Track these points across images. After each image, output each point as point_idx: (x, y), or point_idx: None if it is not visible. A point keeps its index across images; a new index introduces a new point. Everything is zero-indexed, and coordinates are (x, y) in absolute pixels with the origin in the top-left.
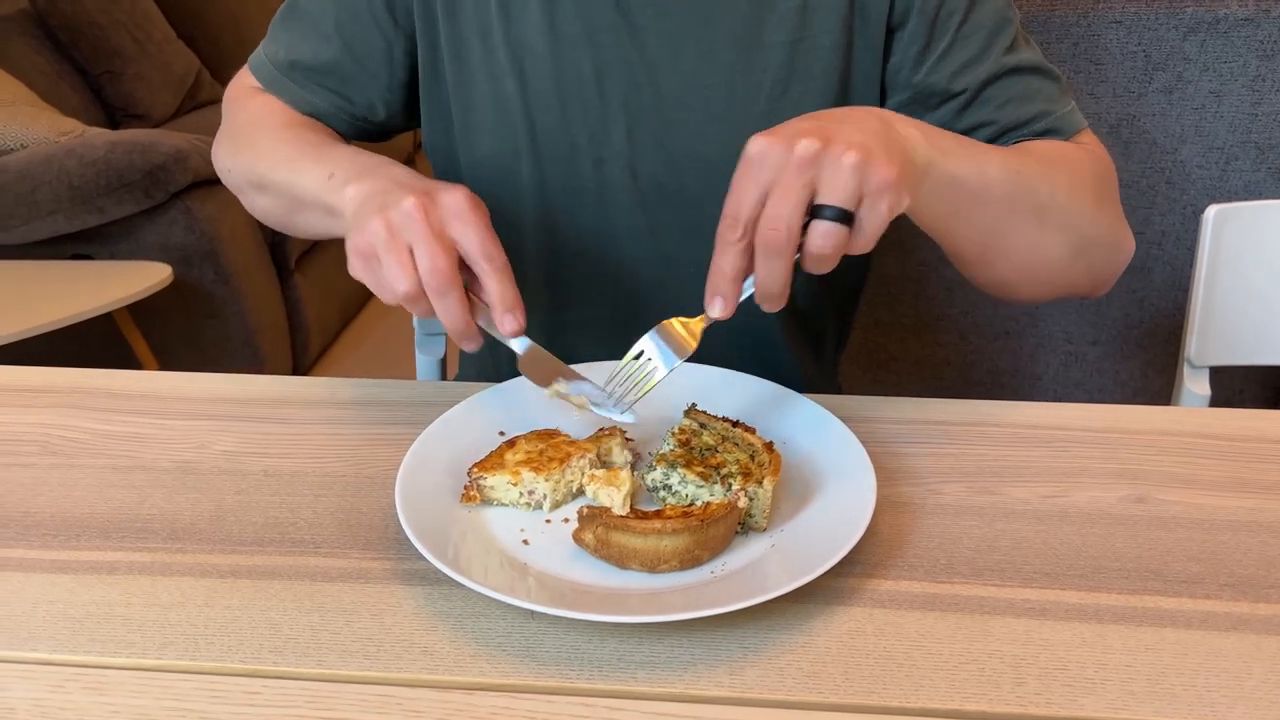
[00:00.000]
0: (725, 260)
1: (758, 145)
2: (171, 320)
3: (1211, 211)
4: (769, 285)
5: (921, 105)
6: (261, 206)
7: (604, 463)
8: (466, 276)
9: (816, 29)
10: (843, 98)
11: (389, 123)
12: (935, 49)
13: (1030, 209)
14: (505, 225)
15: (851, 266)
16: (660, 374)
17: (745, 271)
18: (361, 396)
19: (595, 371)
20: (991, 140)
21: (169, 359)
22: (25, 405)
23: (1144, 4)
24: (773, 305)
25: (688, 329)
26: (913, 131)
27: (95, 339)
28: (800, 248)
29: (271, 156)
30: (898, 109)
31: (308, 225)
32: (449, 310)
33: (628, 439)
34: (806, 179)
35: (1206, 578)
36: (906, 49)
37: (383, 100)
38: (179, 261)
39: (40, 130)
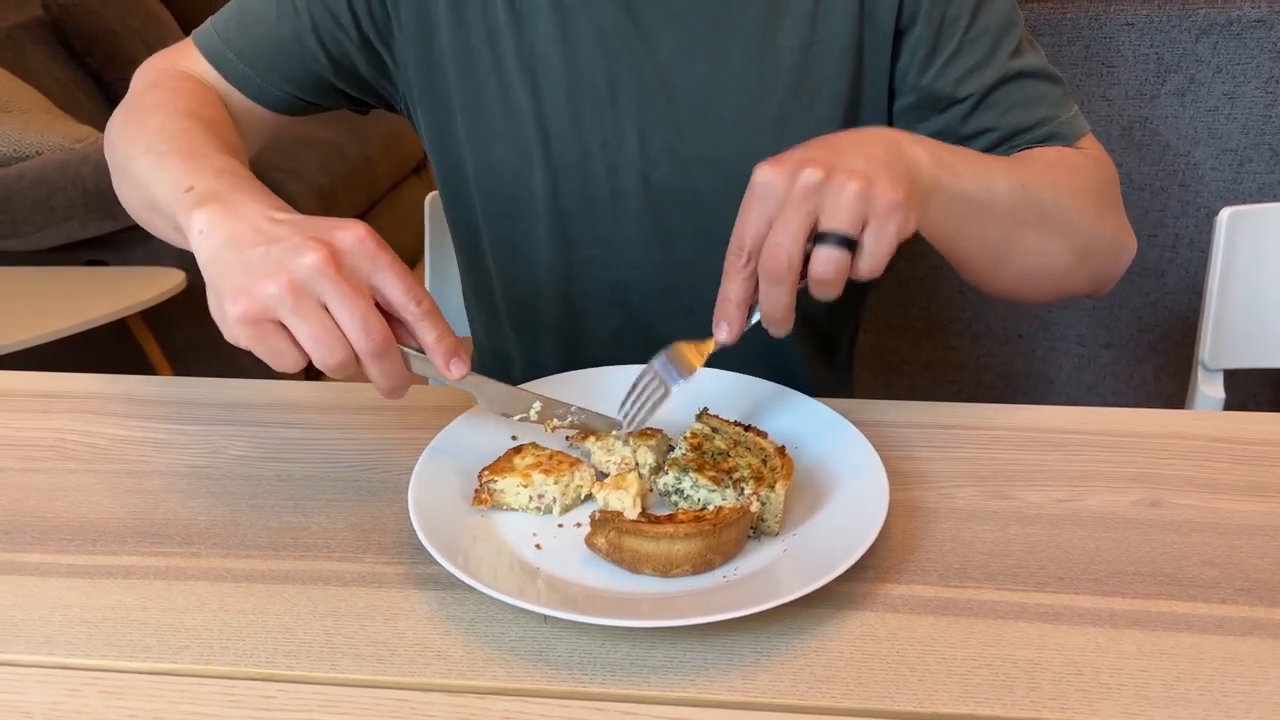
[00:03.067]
0: (731, 287)
1: (763, 175)
2: (185, 326)
3: (1225, 214)
4: (772, 311)
5: (927, 109)
6: (124, 195)
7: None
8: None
9: (827, 34)
10: (853, 102)
11: (324, 107)
12: (941, 53)
13: (1035, 219)
14: (518, 233)
15: None
16: (667, 394)
17: (751, 298)
18: (375, 402)
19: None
20: (994, 146)
21: (182, 364)
22: (41, 411)
23: (1156, 6)
24: (779, 330)
25: (695, 351)
26: (920, 152)
27: (109, 344)
28: (805, 274)
29: (148, 141)
30: (904, 112)
31: (163, 233)
32: (388, 372)
33: (670, 444)
34: (809, 208)
35: (1222, 582)
36: (913, 52)
37: (328, 85)
38: (192, 267)
39: (55, 137)
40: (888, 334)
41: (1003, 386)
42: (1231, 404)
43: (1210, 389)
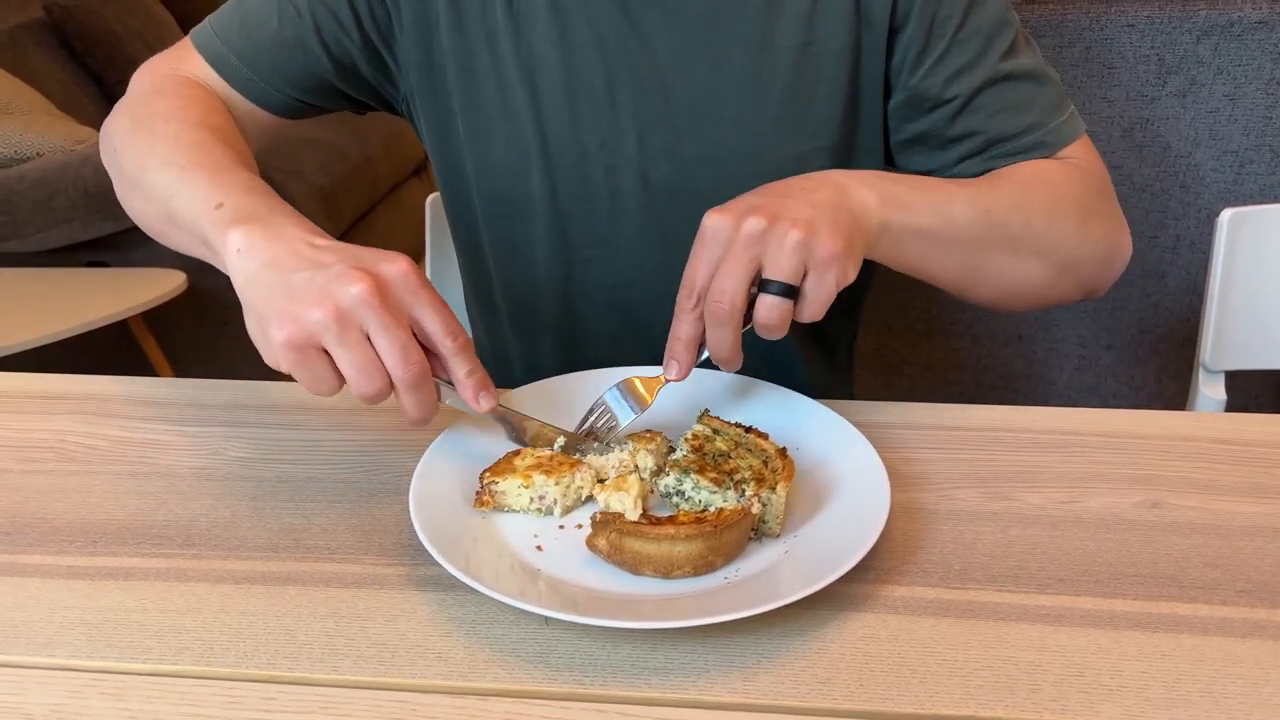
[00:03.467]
0: (681, 327)
1: (712, 220)
2: (185, 327)
3: (1226, 215)
4: (718, 351)
5: (914, 109)
6: (135, 206)
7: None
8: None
9: (824, 33)
10: (852, 100)
11: (325, 109)
12: (931, 53)
13: (1003, 242)
14: (517, 233)
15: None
16: (620, 428)
17: (700, 337)
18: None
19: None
20: (980, 151)
21: (182, 366)
22: (42, 412)
23: (1157, 7)
24: (728, 368)
25: (648, 386)
26: (868, 195)
27: (110, 346)
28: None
29: (164, 153)
30: (894, 110)
31: (180, 245)
32: (420, 402)
33: (670, 446)
34: (752, 255)
35: (1223, 583)
36: (905, 51)
37: (329, 88)
38: (193, 269)
39: (56, 138)
40: (888, 335)
41: (1003, 388)
42: (1233, 405)
43: (1211, 390)
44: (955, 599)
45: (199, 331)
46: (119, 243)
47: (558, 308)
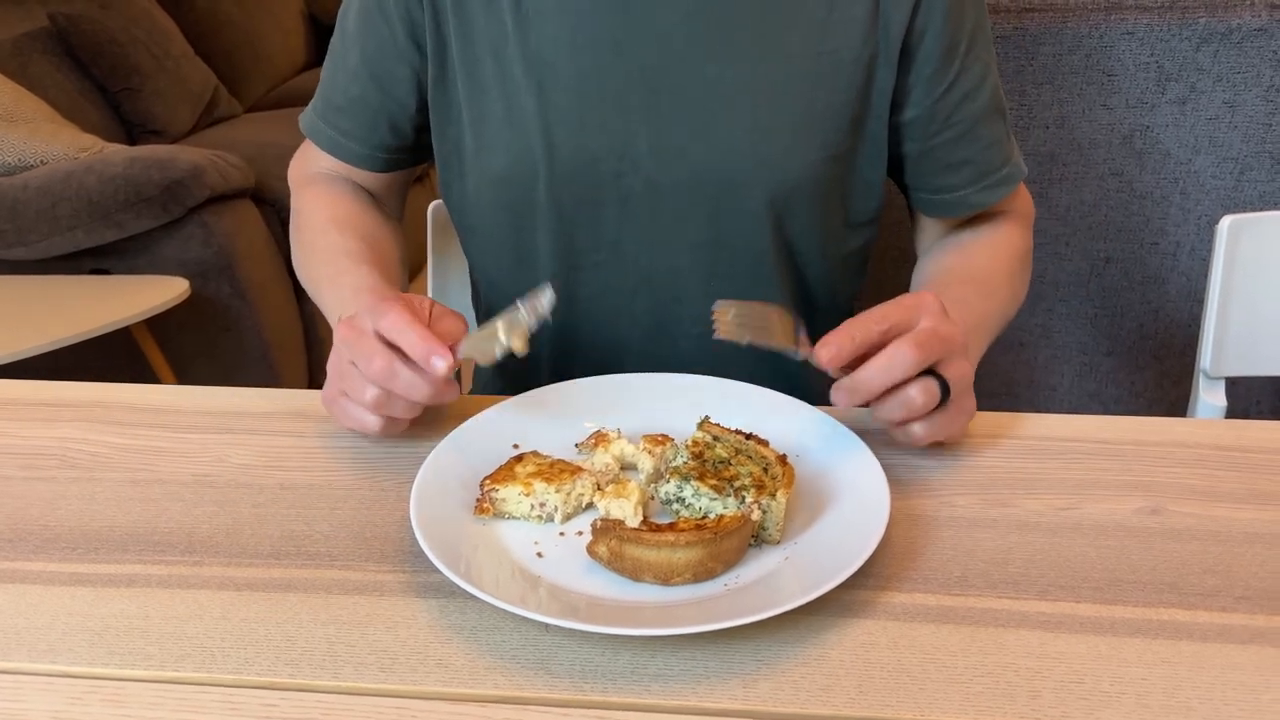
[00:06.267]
0: (858, 328)
1: (947, 328)
2: (188, 334)
3: (1226, 222)
4: (871, 381)
5: (921, 131)
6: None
7: (623, 466)
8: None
9: (838, 43)
10: (862, 110)
11: (424, 147)
12: (947, 73)
13: (1007, 321)
14: (519, 241)
15: (849, 274)
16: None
17: (862, 352)
18: None
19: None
20: (974, 181)
21: (185, 372)
22: (45, 419)
23: (1156, 15)
24: (849, 399)
25: (802, 343)
26: (969, 371)
27: (112, 352)
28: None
29: (308, 269)
30: (904, 126)
31: None
32: (412, 386)
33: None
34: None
35: (1222, 590)
36: (921, 69)
37: (414, 125)
38: (196, 276)
39: (60, 146)
40: None
41: (1004, 394)
42: (1233, 411)
43: (1212, 397)
44: (955, 606)
45: (201, 338)
46: (122, 250)
47: (562, 313)
